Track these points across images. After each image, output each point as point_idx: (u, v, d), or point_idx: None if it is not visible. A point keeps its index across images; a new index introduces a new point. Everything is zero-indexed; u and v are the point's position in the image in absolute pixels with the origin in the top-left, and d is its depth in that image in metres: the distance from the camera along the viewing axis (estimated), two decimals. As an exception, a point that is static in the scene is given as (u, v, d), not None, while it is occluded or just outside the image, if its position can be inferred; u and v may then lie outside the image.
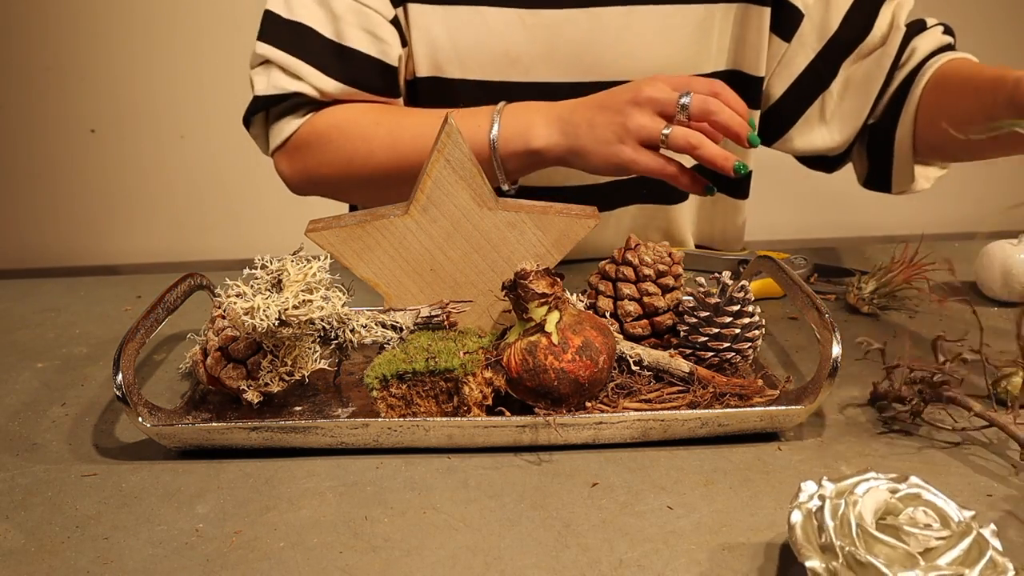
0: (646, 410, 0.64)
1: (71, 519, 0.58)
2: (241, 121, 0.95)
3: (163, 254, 2.72)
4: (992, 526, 0.48)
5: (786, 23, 0.94)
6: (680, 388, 0.66)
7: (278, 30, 0.87)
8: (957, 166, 0.94)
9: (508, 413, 0.63)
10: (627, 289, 0.72)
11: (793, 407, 0.63)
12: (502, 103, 0.84)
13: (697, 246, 1.09)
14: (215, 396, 0.71)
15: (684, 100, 0.77)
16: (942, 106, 0.88)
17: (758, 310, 0.70)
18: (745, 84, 0.97)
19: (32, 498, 0.60)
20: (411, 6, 0.91)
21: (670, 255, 0.73)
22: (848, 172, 1.04)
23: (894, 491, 0.49)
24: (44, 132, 2.66)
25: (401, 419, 0.63)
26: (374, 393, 0.64)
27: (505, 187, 0.86)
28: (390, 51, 0.88)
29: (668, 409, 0.64)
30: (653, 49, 0.92)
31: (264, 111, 0.92)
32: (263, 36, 0.88)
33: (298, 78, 0.87)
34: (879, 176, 0.98)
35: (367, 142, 0.86)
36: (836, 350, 0.63)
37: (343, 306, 0.66)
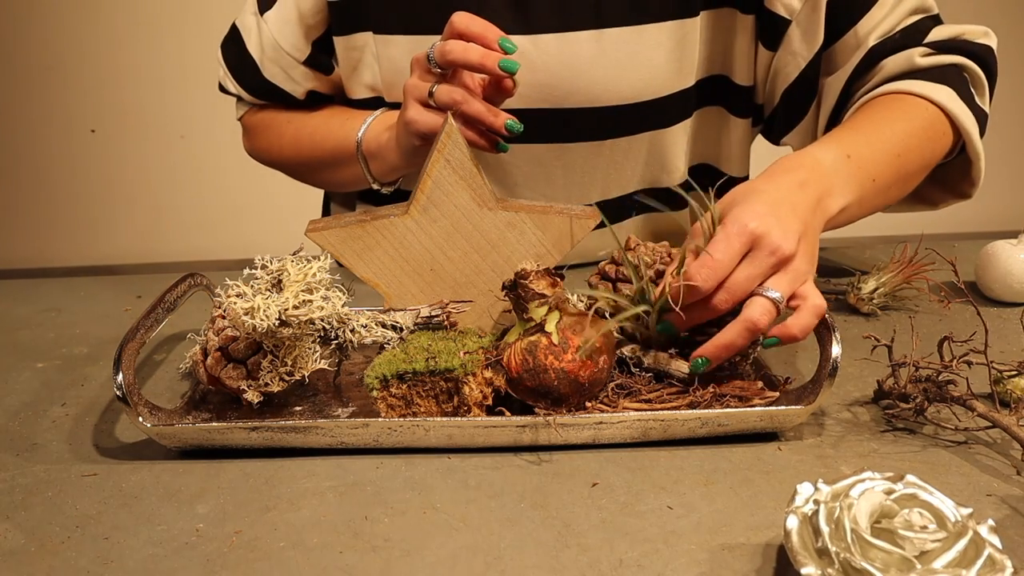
0: (646, 410, 0.64)
1: (71, 519, 0.58)
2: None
3: (163, 254, 2.72)
4: (990, 522, 0.47)
5: (769, 31, 0.90)
6: (680, 388, 0.66)
7: (230, 44, 1.00)
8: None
9: (508, 413, 0.63)
10: (627, 289, 0.72)
11: (793, 407, 0.63)
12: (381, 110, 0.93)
13: None
14: (215, 396, 0.71)
15: (430, 52, 0.76)
16: None
17: None
18: (733, 92, 0.96)
19: (32, 498, 0.60)
20: (377, 37, 0.91)
21: (669, 255, 0.73)
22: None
23: (890, 492, 0.49)
24: (44, 132, 2.66)
25: (401, 419, 0.63)
26: (374, 393, 0.64)
27: (376, 186, 0.93)
28: (299, 90, 0.98)
29: (668, 409, 0.64)
30: (629, 71, 0.90)
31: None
32: (223, 45, 1.01)
33: (233, 85, 1.02)
34: None
35: (279, 137, 1.00)
36: (836, 350, 0.63)
37: (343, 306, 0.66)
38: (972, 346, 0.66)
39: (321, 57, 0.96)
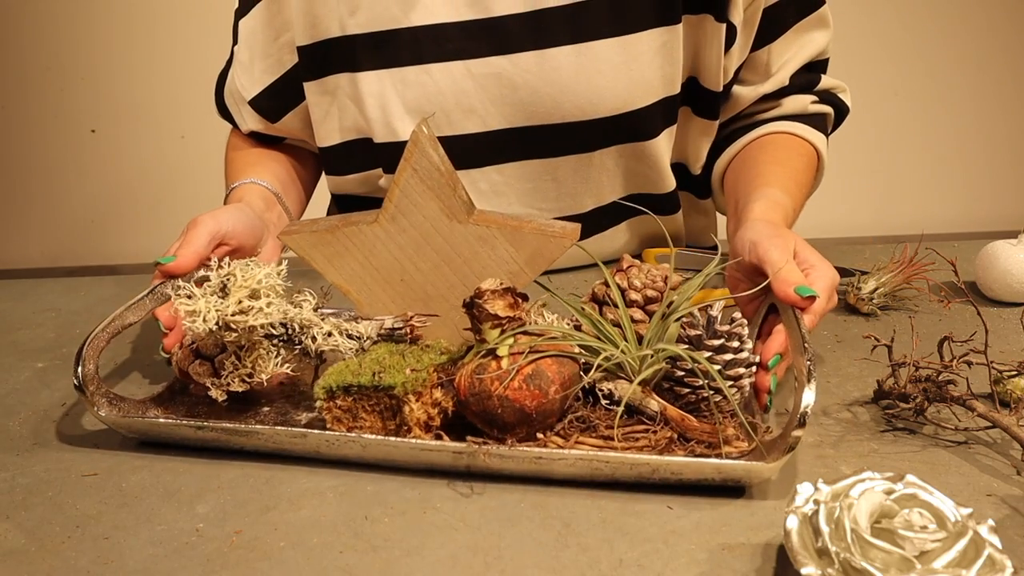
0: (591, 450, 0.59)
1: (71, 519, 0.58)
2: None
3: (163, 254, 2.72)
4: (990, 522, 0.47)
5: (728, 39, 0.89)
6: (647, 427, 0.60)
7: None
8: (958, 166, 0.94)
9: (447, 438, 0.60)
10: (612, 315, 0.66)
11: (754, 463, 0.56)
12: None
13: (688, 246, 1.08)
14: (198, 388, 0.71)
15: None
16: (735, 171, 0.95)
17: (748, 346, 0.63)
18: (700, 95, 0.94)
19: (33, 498, 0.60)
20: (360, 75, 0.91)
21: (665, 280, 0.67)
22: (848, 171, 1.04)
23: (890, 492, 0.49)
24: (44, 132, 2.66)
25: (339, 433, 0.61)
26: (319, 403, 0.62)
27: None
28: (244, 125, 1.02)
29: (620, 451, 0.58)
30: (613, 84, 0.88)
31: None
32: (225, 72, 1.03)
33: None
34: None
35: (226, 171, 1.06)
36: (808, 397, 0.56)
37: (316, 310, 0.66)
38: (972, 346, 0.66)
39: (268, 103, 0.97)
